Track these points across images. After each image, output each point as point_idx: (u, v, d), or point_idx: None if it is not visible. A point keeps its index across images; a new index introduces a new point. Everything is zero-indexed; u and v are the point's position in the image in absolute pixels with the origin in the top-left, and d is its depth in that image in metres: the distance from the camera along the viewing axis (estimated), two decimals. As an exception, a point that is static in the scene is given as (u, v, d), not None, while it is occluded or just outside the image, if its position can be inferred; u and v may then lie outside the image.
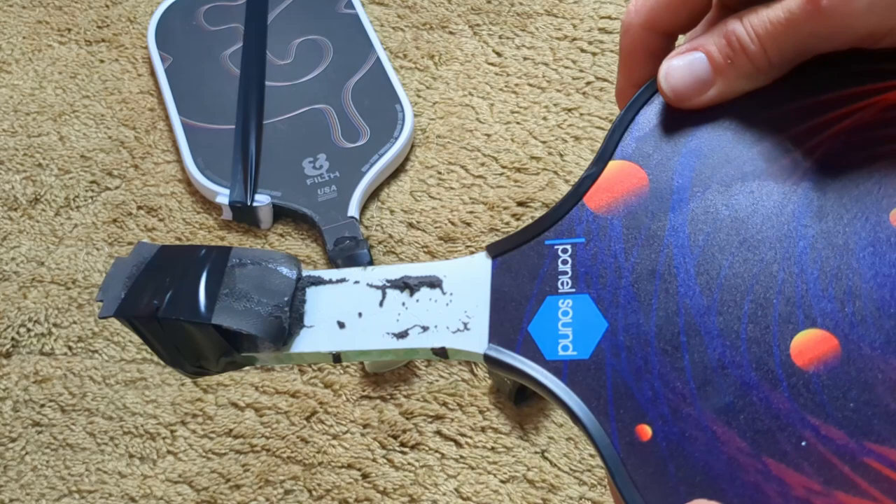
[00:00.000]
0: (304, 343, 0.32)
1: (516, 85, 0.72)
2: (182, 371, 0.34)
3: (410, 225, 0.66)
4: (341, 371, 0.60)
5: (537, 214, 0.66)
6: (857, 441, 0.26)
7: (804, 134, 0.30)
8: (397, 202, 0.67)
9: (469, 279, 0.32)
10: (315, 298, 0.33)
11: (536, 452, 0.57)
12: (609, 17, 0.75)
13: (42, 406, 0.59)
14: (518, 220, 0.66)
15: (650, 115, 0.32)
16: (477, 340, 0.31)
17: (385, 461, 0.57)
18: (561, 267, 0.31)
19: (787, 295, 0.28)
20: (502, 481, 0.56)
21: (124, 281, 0.33)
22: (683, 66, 0.30)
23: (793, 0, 0.28)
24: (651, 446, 0.27)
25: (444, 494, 0.56)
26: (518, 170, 0.68)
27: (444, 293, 0.32)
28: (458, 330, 0.31)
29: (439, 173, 0.68)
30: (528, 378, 0.30)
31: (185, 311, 0.32)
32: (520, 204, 0.66)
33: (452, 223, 0.66)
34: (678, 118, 0.31)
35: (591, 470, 0.56)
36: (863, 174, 0.29)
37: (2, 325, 0.62)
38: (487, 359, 0.30)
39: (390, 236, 0.65)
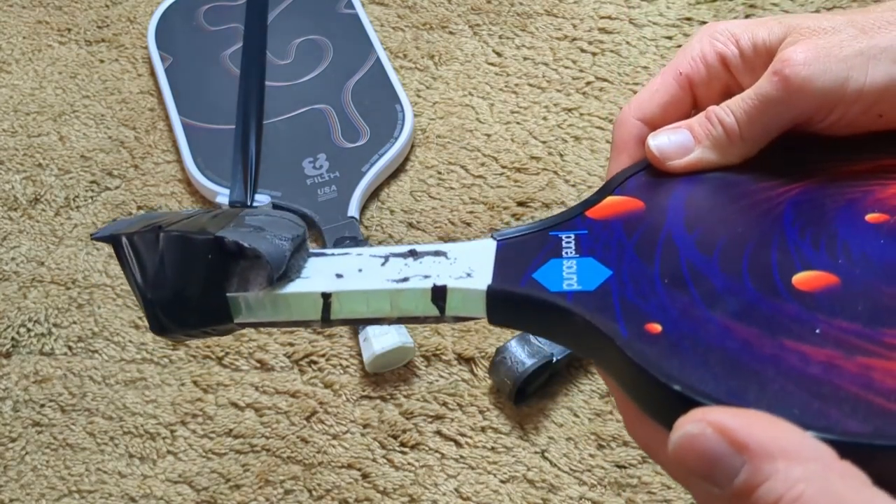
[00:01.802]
0: (297, 285, 0.31)
1: (516, 85, 0.72)
2: (156, 318, 0.32)
3: (410, 225, 0.66)
4: (341, 371, 0.60)
5: (537, 214, 0.66)
6: (871, 328, 0.28)
7: (777, 193, 0.35)
8: (397, 202, 0.67)
9: (474, 254, 0.33)
10: (315, 264, 0.32)
11: (536, 452, 0.57)
12: (609, 17, 0.75)
13: (42, 406, 0.59)
14: (518, 220, 0.66)
15: (644, 175, 0.36)
16: (479, 282, 0.31)
17: (385, 461, 0.57)
18: (565, 245, 0.32)
19: (782, 251, 0.31)
20: (502, 481, 0.56)
21: (126, 225, 0.32)
22: (668, 134, 0.36)
23: (762, 80, 0.34)
24: (662, 337, 0.28)
25: (444, 494, 0.56)
26: (518, 170, 0.68)
27: (448, 258, 0.33)
28: (461, 277, 0.32)
29: (439, 173, 0.68)
30: (532, 303, 0.30)
31: (188, 228, 0.31)
32: (520, 204, 0.66)
33: (452, 223, 0.66)
34: (668, 178, 0.36)
35: (590, 470, 0.56)
36: (834, 193, 0.34)
37: (2, 325, 0.62)
38: (490, 292, 0.30)
39: (390, 236, 0.65)
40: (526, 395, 0.58)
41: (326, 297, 0.31)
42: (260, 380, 0.60)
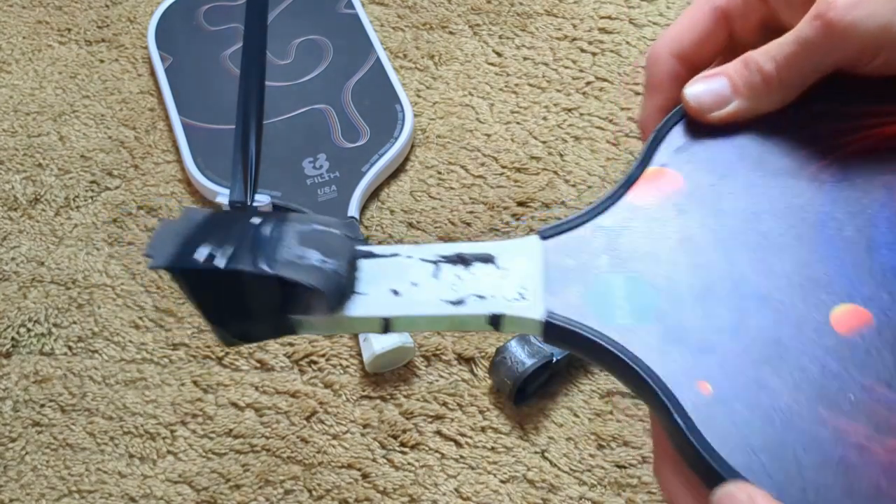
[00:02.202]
0: (358, 308, 0.32)
1: (516, 85, 0.72)
2: (223, 336, 0.33)
3: (410, 225, 0.66)
4: (341, 371, 0.60)
5: (537, 214, 0.66)
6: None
7: (819, 149, 0.33)
8: (397, 202, 0.67)
9: (522, 257, 0.33)
10: (368, 270, 0.32)
11: (536, 452, 0.57)
12: (609, 17, 0.75)
13: (42, 406, 0.59)
14: (518, 219, 0.66)
15: (681, 131, 0.35)
16: (534, 309, 0.31)
17: (385, 461, 0.57)
18: (608, 251, 0.32)
19: (820, 277, 0.31)
20: (502, 481, 0.56)
21: (174, 238, 0.32)
22: (705, 83, 0.34)
23: (802, 23, 0.32)
24: (712, 401, 0.29)
25: (444, 494, 0.56)
26: (518, 170, 0.68)
27: (498, 268, 0.32)
28: (515, 299, 0.32)
29: (439, 173, 0.68)
30: (586, 344, 0.31)
31: (246, 263, 0.30)
32: (520, 204, 0.66)
33: (452, 223, 0.66)
34: (707, 134, 0.34)
35: (590, 470, 0.56)
36: (876, 172, 0.33)
37: (2, 325, 0.62)
38: (547, 326, 0.31)
39: (390, 236, 0.65)
40: (526, 395, 0.58)
41: (386, 319, 0.32)
42: (260, 380, 0.60)
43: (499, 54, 0.74)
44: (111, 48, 0.75)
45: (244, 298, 0.32)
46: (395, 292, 0.32)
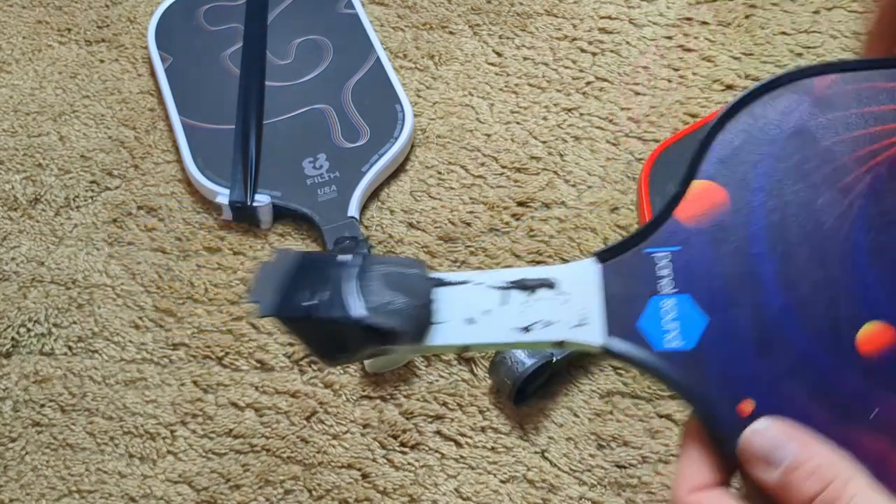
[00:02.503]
0: (438, 337, 0.35)
1: (516, 85, 0.72)
2: (322, 360, 0.38)
3: (410, 225, 0.66)
4: (341, 371, 0.60)
5: (537, 214, 0.66)
6: None
7: (861, 157, 0.35)
8: (397, 202, 0.67)
9: (581, 281, 0.36)
10: (442, 298, 0.36)
11: (536, 452, 0.57)
12: (609, 17, 0.75)
13: (42, 406, 0.59)
14: (518, 219, 0.65)
15: (726, 139, 0.36)
16: (594, 334, 0.35)
17: (385, 461, 0.57)
18: (661, 272, 0.35)
19: (851, 295, 0.33)
20: (502, 481, 0.56)
21: (273, 284, 0.36)
22: None
23: None
24: (753, 419, 0.32)
25: (444, 494, 0.56)
26: (518, 170, 0.68)
27: (560, 293, 0.35)
28: (577, 325, 0.35)
29: (439, 173, 0.68)
30: (642, 366, 0.34)
31: (339, 311, 0.35)
32: (520, 204, 0.66)
33: (452, 223, 0.66)
34: (752, 142, 0.36)
35: (590, 470, 0.56)
36: None
37: (2, 325, 0.62)
38: (607, 350, 0.34)
39: (390, 236, 0.65)
40: (526, 396, 0.58)
41: (464, 346, 0.36)
42: (260, 380, 0.60)
43: (499, 54, 0.74)
44: (111, 48, 0.75)
45: (341, 336, 0.36)
46: (470, 321, 0.35)
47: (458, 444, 0.57)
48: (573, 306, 0.35)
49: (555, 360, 0.56)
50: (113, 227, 0.66)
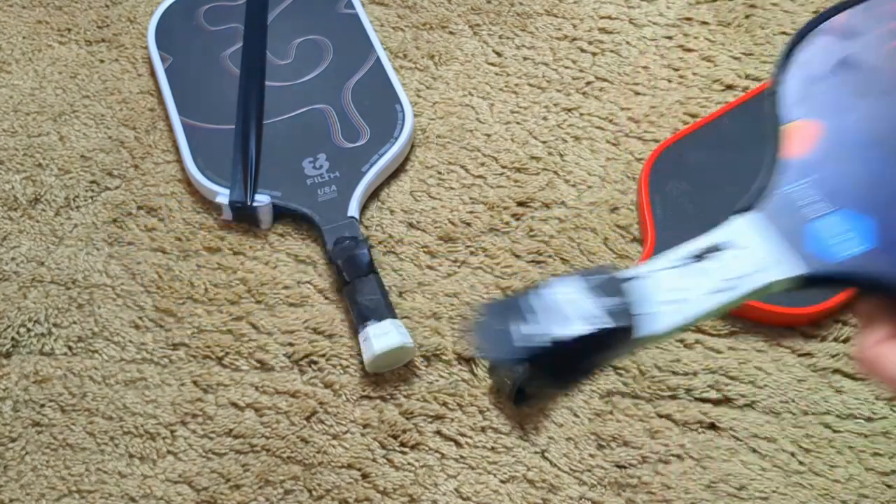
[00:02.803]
0: (648, 327, 0.37)
1: (516, 85, 0.72)
2: (559, 387, 0.40)
3: (410, 225, 0.66)
4: (341, 371, 0.60)
5: (537, 214, 0.66)
6: None
7: None
8: (397, 202, 0.67)
9: (746, 234, 0.38)
10: (637, 292, 0.37)
11: (536, 452, 0.57)
12: (609, 17, 0.75)
13: (42, 406, 0.59)
14: (518, 219, 0.65)
15: (789, 85, 0.41)
16: (793, 267, 0.37)
17: (385, 461, 0.57)
18: (809, 200, 0.38)
19: None
20: (502, 481, 0.56)
21: (493, 329, 0.37)
22: None
23: None
24: None
25: (444, 494, 0.56)
26: (518, 170, 0.68)
27: (735, 249, 0.37)
28: (771, 268, 0.37)
29: (439, 173, 0.68)
30: (845, 276, 0.36)
31: (561, 329, 0.36)
32: (520, 204, 0.66)
33: (452, 223, 0.66)
34: (810, 82, 0.40)
35: (590, 470, 0.56)
36: None
37: (2, 325, 0.62)
38: (810, 277, 0.37)
39: (390, 236, 0.65)
40: (526, 396, 0.58)
41: (676, 328, 0.37)
42: (260, 380, 0.60)
43: (499, 54, 0.74)
44: (111, 48, 0.75)
45: (568, 355, 0.37)
46: (672, 302, 0.37)
47: (458, 444, 0.57)
48: (756, 255, 0.37)
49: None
50: (113, 227, 0.66)
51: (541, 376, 0.38)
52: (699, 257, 0.38)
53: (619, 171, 0.67)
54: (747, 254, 0.37)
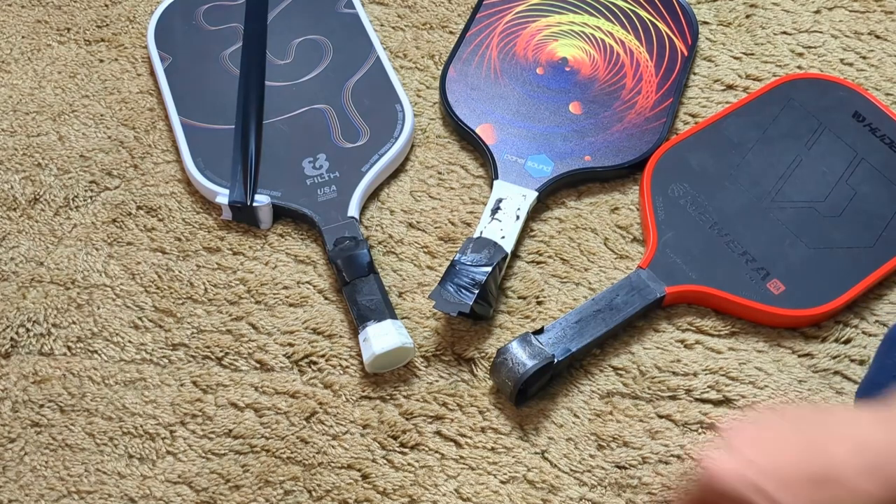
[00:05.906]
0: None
1: (516, 85, 0.72)
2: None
3: (410, 225, 0.66)
4: (341, 371, 0.60)
5: (537, 214, 0.66)
6: None
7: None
8: (397, 202, 0.67)
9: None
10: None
11: (536, 453, 0.57)
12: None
13: (41, 406, 0.59)
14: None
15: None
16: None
17: (385, 462, 0.57)
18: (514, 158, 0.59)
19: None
20: (502, 482, 0.56)
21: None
22: None
23: None
24: None
25: (444, 495, 0.56)
26: (518, 170, 0.68)
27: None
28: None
29: (439, 173, 0.68)
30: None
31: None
32: (520, 204, 0.66)
33: (452, 223, 0.66)
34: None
35: (590, 470, 0.56)
36: None
37: (1, 325, 0.62)
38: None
39: (390, 236, 0.65)
40: (527, 397, 0.58)
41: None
42: (260, 380, 0.60)
43: (499, 54, 0.74)
44: (111, 48, 0.75)
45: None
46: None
47: (458, 445, 0.57)
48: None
49: (556, 361, 0.56)
50: (112, 227, 0.66)
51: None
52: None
53: (619, 171, 0.67)
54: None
